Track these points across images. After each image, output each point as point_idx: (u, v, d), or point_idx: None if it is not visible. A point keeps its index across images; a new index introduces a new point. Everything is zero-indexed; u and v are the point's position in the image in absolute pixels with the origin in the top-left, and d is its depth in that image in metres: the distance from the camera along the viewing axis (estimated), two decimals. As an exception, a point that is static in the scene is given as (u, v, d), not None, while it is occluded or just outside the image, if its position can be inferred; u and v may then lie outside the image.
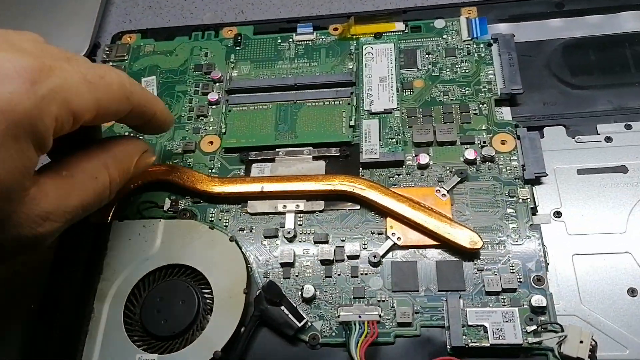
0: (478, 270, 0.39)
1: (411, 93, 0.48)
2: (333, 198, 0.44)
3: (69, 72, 0.32)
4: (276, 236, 0.43)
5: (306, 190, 0.43)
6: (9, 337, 0.43)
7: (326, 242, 0.42)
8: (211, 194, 0.45)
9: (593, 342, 0.35)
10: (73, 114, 0.32)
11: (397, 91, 0.47)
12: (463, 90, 0.47)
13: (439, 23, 0.51)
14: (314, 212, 0.44)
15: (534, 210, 0.41)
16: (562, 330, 0.36)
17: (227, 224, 0.44)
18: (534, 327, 0.36)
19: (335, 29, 0.52)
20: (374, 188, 0.42)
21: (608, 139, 0.43)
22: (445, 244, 0.40)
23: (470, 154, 0.43)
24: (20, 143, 0.30)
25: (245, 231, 0.44)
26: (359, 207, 0.43)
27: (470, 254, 0.40)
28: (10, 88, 0.29)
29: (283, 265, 0.42)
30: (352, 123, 0.46)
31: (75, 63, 0.33)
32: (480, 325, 0.37)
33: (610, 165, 0.42)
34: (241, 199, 0.45)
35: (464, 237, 0.39)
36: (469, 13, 0.51)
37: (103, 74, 0.34)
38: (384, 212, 0.42)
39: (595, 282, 0.38)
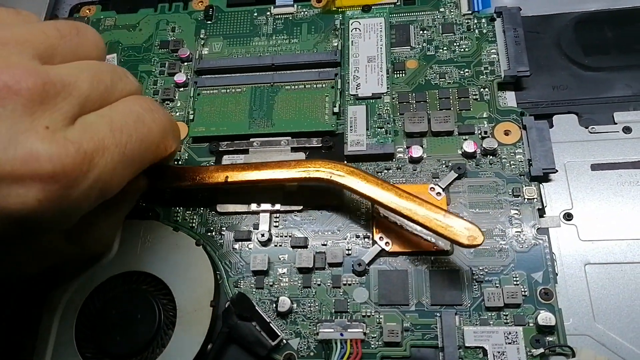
0: (477, 282, 0.37)
1: (403, 75, 0.45)
2: (312, 196, 0.40)
3: (111, 156, 0.29)
4: (249, 239, 0.40)
5: (277, 179, 0.39)
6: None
7: (305, 246, 0.39)
8: (167, 186, 0.41)
9: (608, 368, 0.33)
10: (104, 197, 0.31)
11: (388, 73, 0.44)
12: (462, 72, 0.44)
13: (436, -6, 0.47)
14: (291, 212, 0.41)
15: (541, 212, 0.38)
16: (573, 355, 0.33)
17: (193, 225, 0.41)
18: (541, 350, 0.34)
19: (319, 1, 0.49)
20: (355, 174, 0.37)
21: (626, 130, 0.40)
22: (440, 252, 0.37)
23: (469, 146, 0.40)
24: (36, 246, 0.31)
25: (214, 233, 0.41)
26: (341, 206, 0.40)
27: (469, 262, 0.37)
28: (41, 194, 0.26)
29: (256, 273, 0.39)
30: (336, 109, 0.43)
31: (118, 130, 0.30)
32: (479, 347, 0.34)
33: (628, 159, 0.39)
34: (207, 196, 0.42)
35: (461, 230, 0.34)
36: (470, -18, 0.47)
37: (145, 135, 0.32)
38: (367, 200, 0.38)
39: (611, 296, 0.36)
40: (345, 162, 0.41)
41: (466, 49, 0.44)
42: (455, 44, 0.45)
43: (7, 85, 0.26)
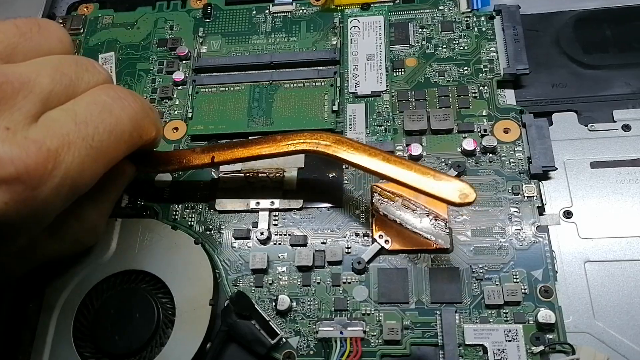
0: (477, 280, 0.37)
1: (402, 73, 0.45)
2: (311, 194, 0.40)
3: (78, 150, 0.29)
4: (248, 237, 0.40)
5: (264, 154, 0.37)
6: None
7: (304, 244, 0.39)
8: (153, 171, 0.41)
9: (609, 366, 0.33)
10: (77, 193, 0.30)
11: (387, 71, 0.44)
12: (461, 70, 0.44)
13: (435, -8, 0.47)
14: (291, 210, 0.40)
15: (541, 210, 0.38)
16: (573, 352, 0.33)
17: (192, 223, 0.41)
18: (541, 347, 0.34)
19: None
20: (341, 143, 0.36)
21: (626, 127, 0.40)
22: (439, 249, 0.37)
23: (468, 144, 0.40)
24: (14, 248, 0.31)
25: (212, 232, 0.41)
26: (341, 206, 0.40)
27: (469, 260, 0.37)
28: (7, 197, 0.26)
29: (255, 272, 0.39)
30: (335, 107, 0.43)
31: (83, 122, 0.30)
32: (479, 345, 0.34)
33: (628, 157, 0.39)
34: (206, 194, 0.42)
35: (452, 190, 0.33)
36: (469, -19, 0.47)
37: (113, 125, 0.31)
38: (356, 168, 0.37)
39: (610, 293, 0.36)
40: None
41: (465, 47, 0.44)
42: (454, 42, 0.45)
43: None
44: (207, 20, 0.49)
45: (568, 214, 0.38)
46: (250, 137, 0.39)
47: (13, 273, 0.35)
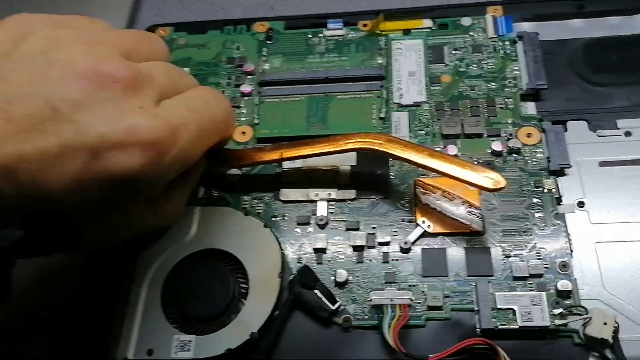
0: (505, 257, 0.40)
1: (439, 87, 0.48)
2: (363, 186, 0.45)
3: (190, 131, 0.34)
4: (308, 223, 0.43)
5: (325, 151, 0.42)
6: (36, 335, 0.44)
7: (357, 229, 0.42)
8: (228, 165, 0.46)
9: (616, 324, 0.36)
10: (183, 167, 0.35)
11: (426, 85, 0.48)
12: (489, 86, 0.47)
13: (466, 21, 0.51)
14: (345, 200, 0.44)
15: (558, 200, 0.42)
16: (587, 313, 0.36)
17: (260, 211, 0.44)
18: (560, 310, 0.37)
19: (365, 25, 0.53)
20: (391, 141, 0.41)
21: (627, 134, 0.44)
22: (474, 232, 0.42)
23: (497, 146, 0.44)
24: (130, 211, 0.37)
25: (278, 218, 0.44)
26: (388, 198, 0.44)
27: (499, 241, 0.41)
28: (143, 160, 0.31)
29: (316, 250, 0.42)
30: (382, 115, 0.47)
31: (193, 110, 0.36)
32: (509, 309, 0.37)
33: (630, 158, 0.43)
34: (271, 187, 0.46)
35: (486, 178, 0.38)
36: (495, 12, 0.51)
37: (213, 115, 0.38)
38: (404, 162, 0.41)
39: (617, 268, 0.39)
40: (390, 159, 0.45)
41: (493, 66, 0.48)
42: (483, 62, 0.48)
43: (110, 75, 0.31)
44: (269, 42, 0.53)
45: (581, 204, 0.41)
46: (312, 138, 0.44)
47: (117, 238, 0.39)
